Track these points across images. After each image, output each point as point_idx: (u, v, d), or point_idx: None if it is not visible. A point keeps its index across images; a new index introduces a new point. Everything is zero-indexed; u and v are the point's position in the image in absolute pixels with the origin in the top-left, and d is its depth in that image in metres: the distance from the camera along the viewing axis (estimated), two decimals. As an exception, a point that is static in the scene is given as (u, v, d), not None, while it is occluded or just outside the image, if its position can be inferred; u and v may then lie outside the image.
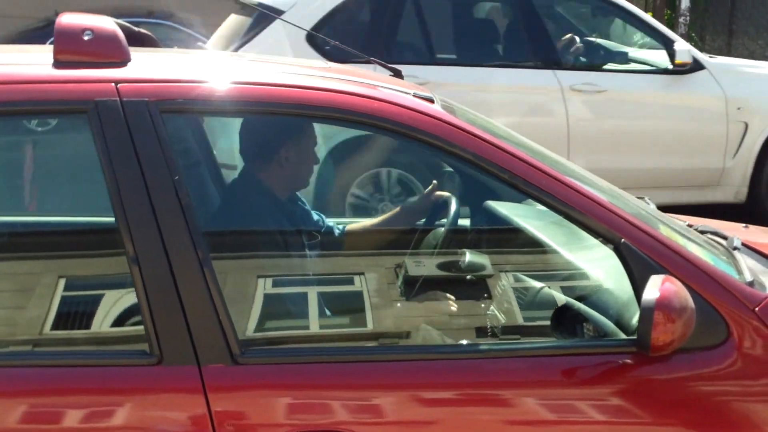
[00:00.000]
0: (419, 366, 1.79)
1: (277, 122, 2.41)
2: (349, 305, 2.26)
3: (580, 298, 2.19)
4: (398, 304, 2.36)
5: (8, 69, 1.87)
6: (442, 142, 1.83)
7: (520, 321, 2.37)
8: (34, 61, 1.94)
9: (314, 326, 2.15)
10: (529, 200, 2.78)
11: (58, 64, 1.82)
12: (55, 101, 1.77)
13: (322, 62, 2.31)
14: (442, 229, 2.57)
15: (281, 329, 2.16)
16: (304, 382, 1.74)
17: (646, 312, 1.65)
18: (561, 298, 2.27)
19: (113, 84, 1.77)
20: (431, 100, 1.95)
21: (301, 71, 2.09)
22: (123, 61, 1.84)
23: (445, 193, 2.65)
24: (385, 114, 1.83)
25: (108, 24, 1.88)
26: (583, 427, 1.80)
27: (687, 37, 13.29)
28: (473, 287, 2.53)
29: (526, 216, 2.67)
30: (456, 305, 2.45)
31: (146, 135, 1.73)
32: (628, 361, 1.80)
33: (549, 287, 2.35)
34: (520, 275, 2.48)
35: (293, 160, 2.43)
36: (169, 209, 1.70)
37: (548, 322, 2.18)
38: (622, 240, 1.80)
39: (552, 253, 2.45)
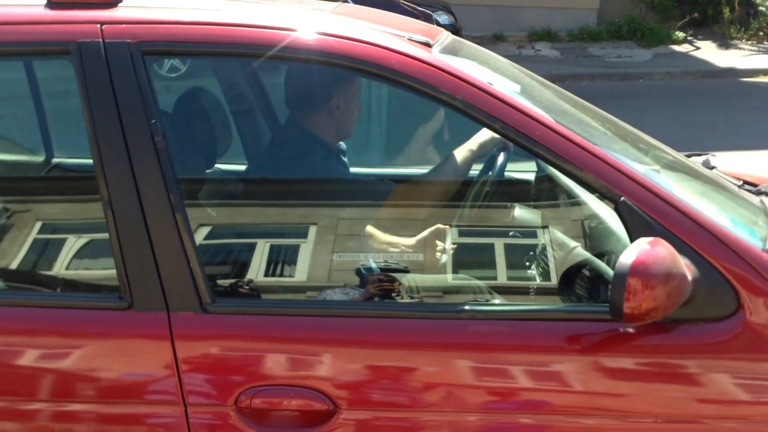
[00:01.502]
0: (393, 324, 1.74)
1: (329, 71, 2.39)
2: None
3: (603, 257, 2.08)
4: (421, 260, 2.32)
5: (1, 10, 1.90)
6: (428, 88, 1.74)
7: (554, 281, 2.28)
8: (28, 2, 1.97)
9: (302, 278, 2.13)
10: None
11: (49, 5, 1.85)
12: (40, 42, 1.79)
13: (330, 3, 2.24)
14: (488, 179, 2.48)
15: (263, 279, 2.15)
16: (273, 335, 1.72)
17: (619, 277, 1.54)
18: (586, 257, 2.16)
19: (98, 25, 1.77)
20: (428, 45, 1.86)
21: (297, 11, 2.04)
22: (112, 2, 1.85)
23: (488, 138, 2.54)
24: (370, 58, 1.76)
25: None
26: (574, 396, 1.71)
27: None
28: (514, 244, 2.46)
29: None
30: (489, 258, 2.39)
31: (125, 76, 1.73)
32: (630, 330, 1.70)
33: (580, 247, 2.24)
34: (557, 232, 2.38)
35: (342, 108, 2.42)
36: (143, 154, 1.71)
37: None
38: (622, 198, 1.68)
39: (586, 209, 2.33)
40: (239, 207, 2.32)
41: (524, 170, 2.69)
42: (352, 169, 2.68)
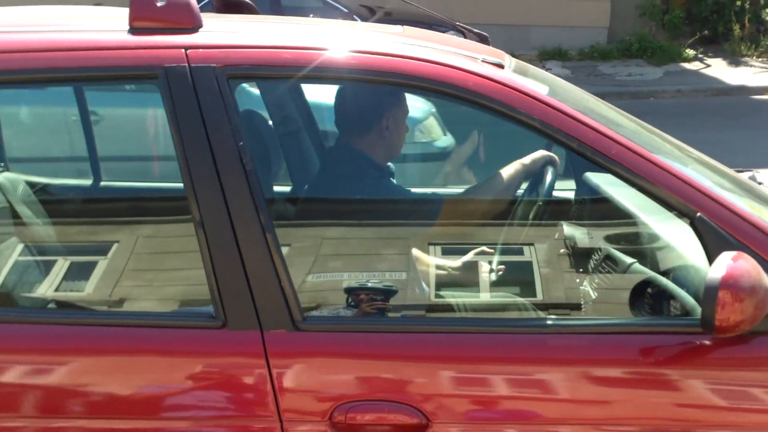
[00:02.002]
0: (479, 338, 1.80)
1: (380, 91, 2.47)
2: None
3: (666, 274, 2.14)
4: (478, 277, 2.38)
5: (85, 35, 1.97)
6: (506, 108, 1.81)
7: (611, 297, 2.34)
8: (110, 28, 2.04)
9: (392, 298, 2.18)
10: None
11: (132, 30, 1.91)
12: (127, 67, 1.86)
13: (396, 27, 2.31)
14: (538, 198, 2.55)
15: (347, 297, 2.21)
16: (365, 352, 1.78)
17: (711, 291, 1.60)
18: (648, 274, 2.22)
19: (183, 50, 1.84)
20: (501, 66, 1.94)
21: (372, 35, 2.11)
22: (194, 27, 1.91)
23: (544, 156, 2.61)
24: (448, 80, 1.83)
25: None
26: (657, 408, 1.77)
27: None
28: (571, 259, 2.52)
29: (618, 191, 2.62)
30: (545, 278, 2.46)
31: (212, 100, 1.79)
32: (707, 342, 1.75)
33: (638, 263, 2.31)
34: (611, 249, 2.44)
35: (392, 128, 2.49)
36: (233, 175, 1.77)
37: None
38: (698, 214, 1.75)
39: (647, 229, 2.40)
40: (310, 227, 2.37)
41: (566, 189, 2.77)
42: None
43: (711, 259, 1.73)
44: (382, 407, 1.74)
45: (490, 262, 2.43)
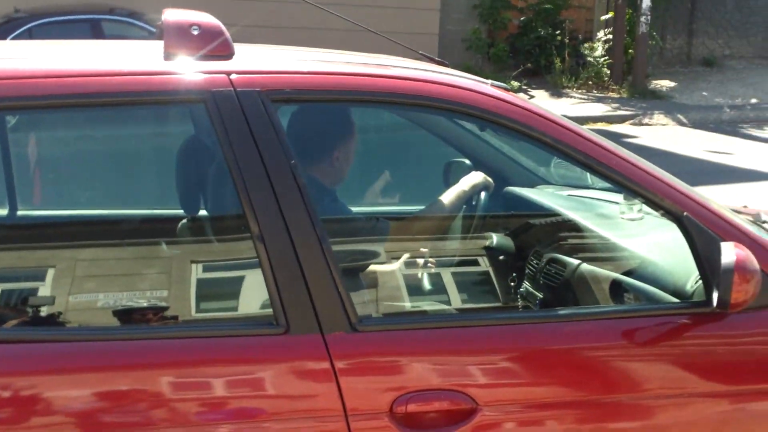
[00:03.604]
0: (513, 330, 2.07)
1: (334, 123, 2.69)
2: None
3: (622, 273, 2.51)
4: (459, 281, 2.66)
5: (124, 62, 2.08)
6: (523, 126, 2.10)
7: (562, 295, 2.67)
8: (148, 55, 2.15)
9: (406, 299, 2.41)
10: (543, 187, 3.17)
11: (169, 56, 2.03)
12: (172, 92, 1.99)
13: (395, 56, 2.57)
14: (478, 213, 2.87)
15: (388, 301, 2.41)
16: (416, 347, 1.98)
17: (727, 274, 1.95)
18: (602, 273, 2.58)
19: (226, 75, 1.99)
20: (507, 89, 2.23)
21: (390, 63, 2.34)
22: (230, 54, 2.07)
23: (481, 179, 2.92)
24: (475, 102, 2.10)
25: (212, 20, 2.11)
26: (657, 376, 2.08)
27: (648, 37, 13.84)
28: (502, 267, 2.85)
29: (556, 202, 3.01)
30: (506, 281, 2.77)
31: (261, 123, 1.95)
32: (688, 321, 2.10)
33: (586, 263, 2.66)
34: (557, 254, 2.78)
35: (343, 159, 2.71)
36: (288, 191, 1.93)
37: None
38: (685, 213, 2.10)
39: (591, 233, 2.76)
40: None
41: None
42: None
43: (697, 252, 2.08)
44: (438, 395, 1.95)
45: (424, 261, 2.69)
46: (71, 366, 1.85)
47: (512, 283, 2.83)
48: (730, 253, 1.97)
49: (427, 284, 2.61)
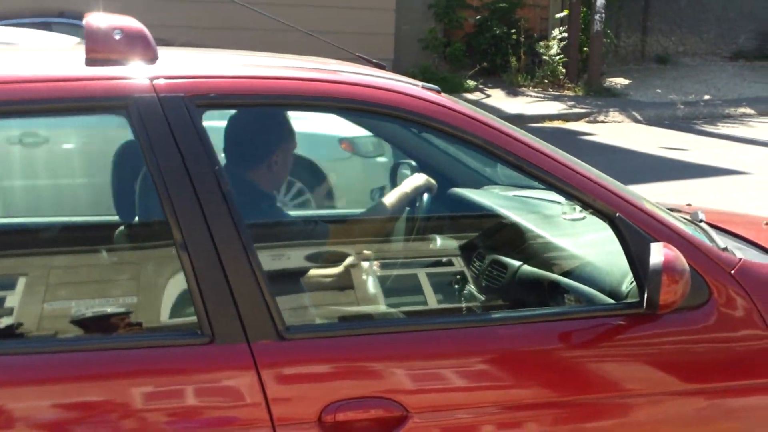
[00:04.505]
0: (446, 335, 2.03)
1: (272, 127, 2.64)
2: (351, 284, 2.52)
3: (563, 274, 2.50)
4: (399, 285, 2.63)
5: (43, 67, 2.03)
6: (453, 129, 2.08)
7: (503, 297, 2.66)
8: (67, 60, 2.09)
9: (339, 304, 2.38)
10: (489, 188, 3.16)
11: (90, 62, 1.98)
12: (92, 98, 1.93)
13: (328, 59, 2.53)
14: (420, 215, 2.84)
15: (321, 307, 2.38)
16: (346, 354, 1.95)
17: (655, 275, 1.94)
18: (542, 274, 2.57)
19: (149, 80, 1.94)
20: (438, 91, 2.21)
21: (317, 66, 2.31)
22: (153, 58, 2.03)
23: (423, 181, 2.90)
24: (403, 105, 2.07)
25: (135, 24, 2.07)
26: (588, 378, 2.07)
27: (603, 35, 13.96)
28: (452, 269, 2.83)
29: (499, 203, 2.99)
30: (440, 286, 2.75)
31: (185, 128, 1.91)
32: (622, 322, 2.09)
33: (527, 265, 2.65)
34: (498, 256, 2.77)
35: (281, 162, 2.67)
36: (213, 198, 1.89)
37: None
38: (617, 214, 2.09)
39: (531, 234, 2.75)
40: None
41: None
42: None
43: (629, 252, 2.07)
44: (366, 403, 1.91)
45: (368, 264, 2.67)
46: None
47: (455, 286, 2.81)
48: (659, 253, 1.96)
49: (365, 288, 2.58)
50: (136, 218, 2.44)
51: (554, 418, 2.03)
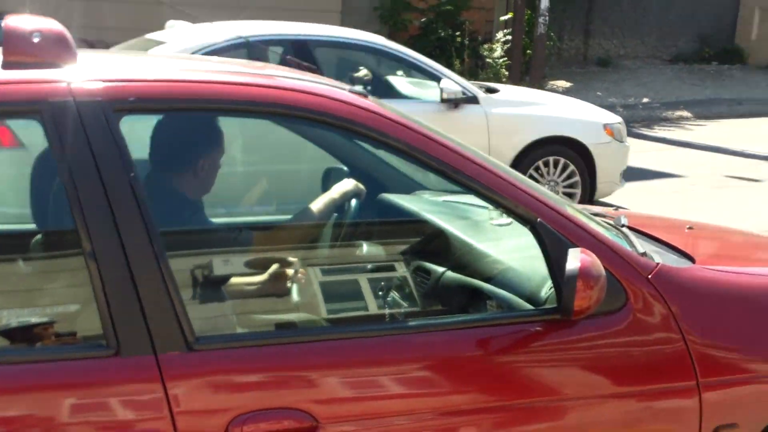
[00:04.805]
0: (359, 344, 2.04)
1: (198, 132, 2.62)
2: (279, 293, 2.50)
3: (485, 279, 2.52)
4: (321, 293, 2.62)
5: None
6: (376, 133, 2.09)
7: (426, 303, 2.67)
8: None
9: (253, 313, 2.36)
10: (420, 193, 3.17)
11: (8, 65, 1.95)
12: (6, 102, 1.89)
13: (256, 62, 2.53)
14: (347, 221, 2.84)
15: (228, 317, 2.36)
16: (255, 365, 1.93)
17: (570, 280, 1.97)
18: (465, 280, 2.59)
19: (66, 84, 1.91)
20: (365, 95, 2.21)
21: (243, 70, 2.30)
22: (73, 61, 1.99)
23: (351, 187, 2.90)
24: (328, 109, 2.07)
25: (55, 26, 2.03)
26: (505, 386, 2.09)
27: (546, 37, 14.10)
28: (376, 276, 2.83)
29: (427, 209, 3.01)
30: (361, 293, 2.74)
31: (101, 134, 1.87)
32: (540, 328, 2.12)
33: (451, 271, 2.66)
34: (422, 262, 2.78)
35: (208, 168, 2.64)
36: (125, 205, 1.86)
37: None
38: (538, 219, 2.12)
39: (456, 240, 2.77)
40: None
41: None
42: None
43: (549, 257, 2.10)
44: (275, 415, 1.89)
45: (294, 271, 2.66)
46: None
47: (379, 293, 2.81)
48: (575, 259, 2.00)
49: (288, 297, 2.57)
50: (49, 227, 2.39)
51: (467, 426, 2.05)
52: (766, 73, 16.51)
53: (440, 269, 2.69)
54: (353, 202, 2.86)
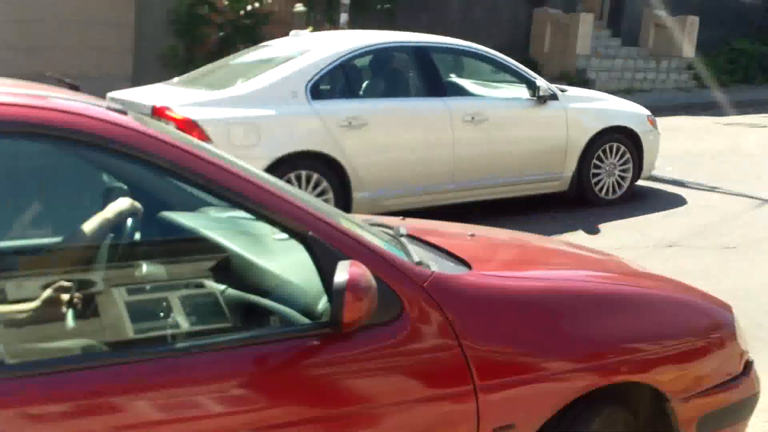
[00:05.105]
0: (134, 369, 1.95)
1: None
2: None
3: (265, 295, 2.46)
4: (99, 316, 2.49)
5: None
6: (139, 152, 1.99)
7: (206, 322, 2.59)
8: None
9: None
10: (206, 209, 3.09)
11: None
12: None
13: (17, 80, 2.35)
14: (123, 241, 2.71)
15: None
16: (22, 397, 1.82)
17: (338, 293, 1.94)
18: (245, 297, 2.53)
19: None
20: (124, 112, 2.10)
21: None
22: None
23: (127, 206, 2.78)
24: (81, 127, 1.94)
25: None
26: (284, 408, 2.05)
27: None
28: (150, 297, 2.72)
29: (208, 225, 2.92)
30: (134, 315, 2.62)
31: None
32: (316, 342, 2.09)
33: (232, 287, 2.59)
34: (201, 281, 2.69)
35: None
36: None
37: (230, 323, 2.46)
38: (309, 233, 2.09)
39: (236, 256, 2.70)
40: None
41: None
42: None
43: (323, 270, 2.07)
44: None
45: (69, 295, 2.53)
46: None
47: (159, 314, 2.69)
48: (344, 271, 1.98)
49: (62, 322, 2.41)
50: None
51: None
52: (557, 84, 17.40)
53: (221, 287, 2.61)
54: (129, 221, 2.73)
